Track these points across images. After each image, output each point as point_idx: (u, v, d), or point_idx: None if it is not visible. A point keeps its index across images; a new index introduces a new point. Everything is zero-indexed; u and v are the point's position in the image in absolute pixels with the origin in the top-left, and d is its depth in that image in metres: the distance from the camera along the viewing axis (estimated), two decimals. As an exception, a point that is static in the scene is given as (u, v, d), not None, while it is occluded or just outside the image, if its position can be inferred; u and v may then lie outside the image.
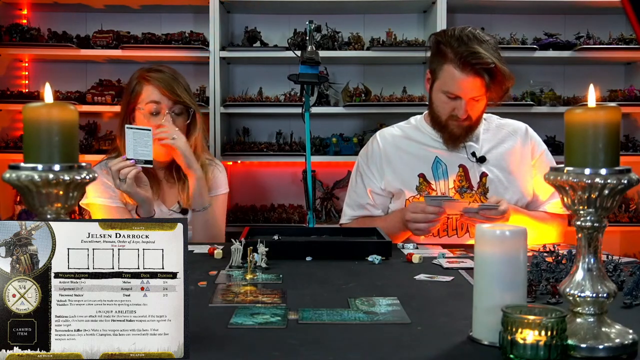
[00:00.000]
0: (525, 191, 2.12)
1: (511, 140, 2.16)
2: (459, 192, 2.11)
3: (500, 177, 2.11)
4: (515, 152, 2.14)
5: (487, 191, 2.10)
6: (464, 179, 2.11)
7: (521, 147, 2.15)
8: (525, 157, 2.15)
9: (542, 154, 2.17)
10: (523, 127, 2.21)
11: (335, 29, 3.33)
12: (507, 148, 2.15)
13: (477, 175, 2.11)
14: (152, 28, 3.42)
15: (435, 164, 2.14)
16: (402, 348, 1.00)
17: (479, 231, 1.03)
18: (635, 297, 1.25)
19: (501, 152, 2.14)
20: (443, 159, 2.13)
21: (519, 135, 2.17)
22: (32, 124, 0.96)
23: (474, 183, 2.11)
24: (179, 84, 2.12)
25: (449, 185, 2.12)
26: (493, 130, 2.18)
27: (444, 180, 2.12)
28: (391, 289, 1.37)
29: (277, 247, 1.68)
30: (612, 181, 0.93)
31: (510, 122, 2.23)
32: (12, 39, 3.22)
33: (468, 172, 2.11)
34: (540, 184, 2.13)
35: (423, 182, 2.13)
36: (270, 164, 3.48)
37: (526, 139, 2.17)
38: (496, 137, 2.17)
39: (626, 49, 3.29)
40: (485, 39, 2.01)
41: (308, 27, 2.13)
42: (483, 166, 2.12)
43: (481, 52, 1.96)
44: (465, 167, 2.12)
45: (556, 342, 0.90)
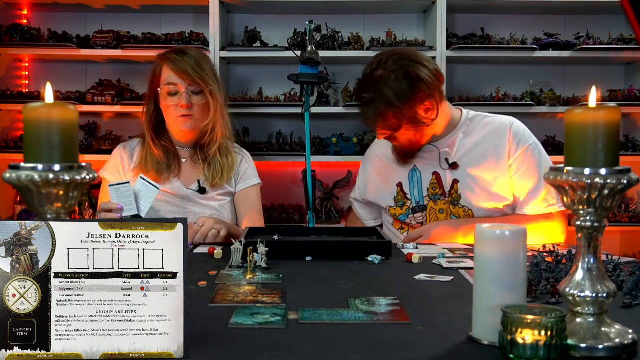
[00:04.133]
0: (502, 195, 2.08)
1: (491, 140, 2.12)
2: (432, 199, 2.12)
3: (471, 184, 2.09)
4: (492, 154, 2.10)
5: (459, 198, 2.10)
6: (437, 186, 2.13)
7: (499, 148, 2.10)
8: (501, 158, 2.09)
9: (524, 151, 2.08)
10: (507, 124, 2.14)
11: (335, 29, 3.32)
12: (484, 151, 2.11)
13: (448, 182, 2.12)
14: (152, 28, 3.42)
15: (412, 172, 2.17)
16: (402, 348, 1.00)
17: (479, 231, 1.03)
18: (635, 297, 1.25)
19: (477, 156, 2.11)
20: (419, 167, 2.16)
21: (500, 134, 2.11)
22: (32, 124, 0.96)
23: (446, 190, 2.12)
24: (194, 66, 2.17)
25: (422, 194, 2.13)
26: (476, 130, 2.14)
27: (417, 188, 2.15)
28: (391, 289, 1.37)
29: (277, 247, 1.68)
30: (612, 181, 0.93)
31: (495, 119, 2.17)
32: (12, 39, 3.22)
33: (441, 178, 2.13)
34: (517, 185, 2.08)
35: (400, 191, 2.17)
36: (270, 164, 3.48)
37: (505, 138, 2.10)
38: (475, 139, 2.13)
39: (626, 49, 3.28)
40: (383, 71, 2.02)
41: (308, 27, 2.13)
42: (455, 173, 2.12)
43: (361, 96, 2.06)
44: (439, 174, 2.13)
45: (556, 342, 0.90)
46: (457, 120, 2.16)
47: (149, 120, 2.24)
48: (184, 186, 2.22)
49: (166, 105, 2.18)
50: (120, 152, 2.28)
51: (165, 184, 2.17)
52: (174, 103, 2.16)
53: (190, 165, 2.26)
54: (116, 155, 2.29)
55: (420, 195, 2.14)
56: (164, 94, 2.17)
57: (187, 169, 2.26)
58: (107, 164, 2.27)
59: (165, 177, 2.19)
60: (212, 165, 2.22)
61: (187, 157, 2.27)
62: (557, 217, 2.06)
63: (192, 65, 2.17)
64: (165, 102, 2.18)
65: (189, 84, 2.16)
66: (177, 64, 2.16)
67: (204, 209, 2.20)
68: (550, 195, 2.04)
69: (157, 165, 2.20)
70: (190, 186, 2.22)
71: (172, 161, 2.22)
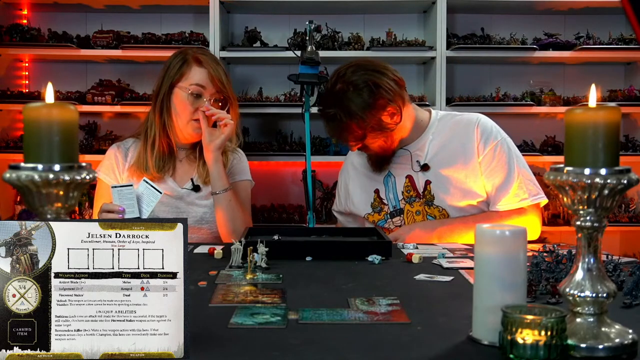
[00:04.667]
0: (475, 192, 2.09)
1: (459, 138, 2.12)
2: (408, 201, 2.14)
3: (443, 183, 2.10)
4: (461, 152, 2.11)
5: (433, 198, 2.11)
6: (411, 188, 2.14)
7: (467, 146, 2.10)
8: (470, 155, 2.10)
9: (492, 147, 2.08)
10: (474, 121, 2.14)
11: (335, 29, 3.32)
12: (453, 150, 2.12)
13: (421, 183, 2.13)
14: (152, 28, 3.42)
15: (387, 178, 2.19)
16: (402, 348, 1.00)
17: (479, 231, 1.03)
18: (635, 297, 1.25)
19: (447, 155, 2.12)
20: (392, 171, 2.18)
21: (467, 131, 2.12)
22: (32, 124, 0.96)
23: (420, 192, 2.13)
24: (223, 74, 2.16)
25: (398, 197, 2.15)
26: (446, 131, 2.15)
27: (392, 192, 2.17)
28: (391, 289, 1.37)
29: (277, 247, 1.68)
30: (611, 181, 0.93)
31: (464, 117, 2.18)
32: (12, 39, 3.22)
33: (414, 181, 2.14)
34: (487, 181, 2.08)
35: (377, 197, 2.19)
36: (270, 164, 3.48)
37: (473, 135, 2.11)
38: (444, 138, 2.14)
39: (626, 49, 3.28)
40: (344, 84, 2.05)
41: (308, 27, 2.13)
42: (427, 174, 2.13)
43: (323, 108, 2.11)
44: (411, 176, 2.15)
45: (556, 342, 0.90)
46: (426, 121, 2.18)
47: (159, 117, 2.16)
48: (178, 186, 2.19)
49: (184, 106, 2.12)
50: (114, 152, 2.23)
51: (159, 183, 2.13)
52: (195, 106, 2.11)
53: (185, 164, 2.23)
54: (110, 155, 2.24)
55: (396, 199, 2.16)
56: (185, 94, 2.11)
57: (182, 168, 2.23)
58: (102, 164, 2.23)
59: (159, 177, 2.16)
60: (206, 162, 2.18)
61: (184, 156, 2.24)
62: (531, 210, 2.06)
63: (224, 74, 2.15)
64: (183, 102, 2.12)
65: (217, 91, 2.13)
66: (211, 68, 2.12)
67: (199, 208, 2.19)
68: (522, 189, 2.05)
69: (154, 165, 2.15)
70: (185, 185, 2.20)
71: (168, 161, 2.19)
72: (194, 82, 2.11)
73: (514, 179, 2.05)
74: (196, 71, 2.13)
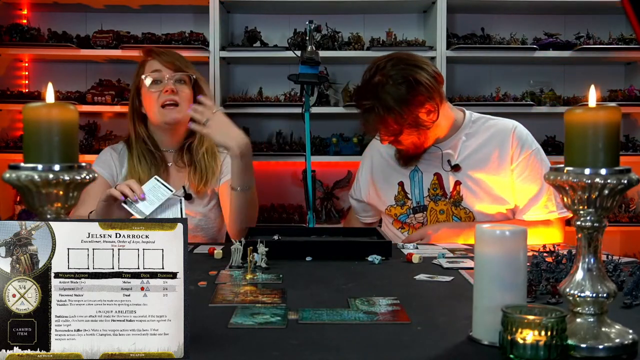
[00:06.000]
0: (504, 199, 2.08)
1: (494, 143, 2.10)
2: (433, 199, 2.12)
3: (473, 186, 2.09)
4: (495, 157, 2.09)
5: (461, 199, 2.10)
6: (438, 187, 2.12)
7: (502, 152, 2.09)
8: (504, 162, 2.08)
9: (527, 156, 2.07)
10: (510, 127, 2.12)
11: (335, 29, 3.33)
12: (487, 154, 2.10)
13: (450, 183, 2.11)
14: (152, 28, 3.42)
15: (413, 172, 2.16)
16: (402, 348, 1.00)
17: (479, 231, 1.03)
18: (635, 297, 1.25)
19: (480, 159, 2.10)
20: (420, 167, 2.15)
21: (503, 137, 2.10)
22: (32, 124, 0.96)
23: (448, 192, 2.11)
24: (179, 57, 2.17)
25: (423, 194, 2.13)
26: (479, 133, 2.13)
27: (418, 188, 2.14)
28: (391, 289, 1.37)
29: (277, 247, 1.68)
30: (612, 181, 0.93)
31: (498, 123, 2.16)
32: (12, 39, 3.22)
33: (442, 180, 2.12)
34: (519, 191, 2.07)
35: (401, 190, 2.16)
36: (270, 164, 3.48)
37: (508, 142, 2.09)
38: (478, 141, 2.12)
39: (626, 49, 3.28)
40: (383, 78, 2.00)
41: (308, 27, 2.13)
42: (457, 175, 2.11)
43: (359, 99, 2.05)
44: (440, 175, 2.13)
45: (556, 342, 0.90)
46: (460, 121, 2.15)
47: (134, 117, 2.16)
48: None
49: (149, 95, 2.10)
50: (109, 152, 2.21)
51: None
52: (158, 90, 2.09)
53: (175, 170, 2.18)
54: (107, 152, 2.22)
55: (421, 196, 2.13)
56: (147, 84, 2.10)
57: (173, 173, 2.18)
58: (98, 159, 2.20)
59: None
60: (197, 169, 2.14)
61: (172, 161, 2.18)
62: (556, 223, 2.07)
63: (176, 57, 2.16)
64: (148, 93, 2.11)
65: (174, 70, 2.12)
66: (162, 56, 2.14)
67: (191, 214, 2.13)
68: (551, 201, 2.04)
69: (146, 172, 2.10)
70: (176, 192, 2.11)
71: (159, 166, 2.14)
72: (150, 70, 2.13)
73: (545, 190, 2.03)
74: (150, 62, 2.15)
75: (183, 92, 2.12)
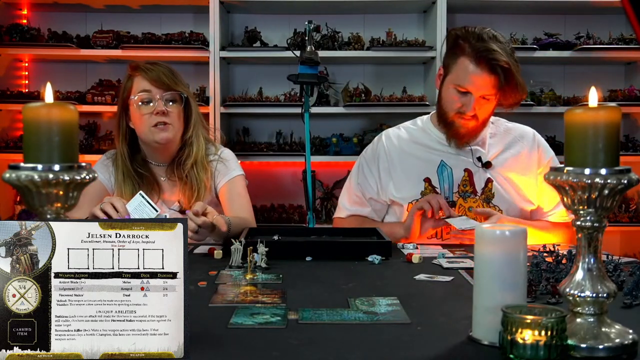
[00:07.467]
0: (529, 199, 2.10)
1: (518, 145, 2.13)
2: (462, 196, 2.10)
3: (505, 184, 2.09)
4: (522, 158, 2.12)
5: (492, 197, 2.09)
6: (468, 183, 2.10)
7: (528, 154, 2.12)
8: (531, 164, 2.12)
9: (550, 161, 2.13)
10: (531, 132, 2.18)
11: (335, 29, 3.33)
12: (513, 154, 2.12)
13: (482, 180, 2.10)
14: (152, 28, 3.42)
15: (441, 168, 2.12)
16: (402, 348, 1.00)
17: (479, 231, 1.03)
18: (635, 297, 1.25)
19: (507, 158, 2.12)
20: (448, 163, 2.11)
21: (526, 140, 2.14)
22: (32, 124, 0.96)
23: (478, 188, 2.10)
24: (168, 74, 2.09)
25: (453, 190, 2.10)
26: (500, 134, 2.16)
27: (448, 184, 2.11)
28: (391, 289, 1.37)
29: (277, 247, 1.68)
30: (612, 181, 0.93)
31: (518, 127, 2.20)
32: (12, 39, 3.23)
33: (473, 176, 2.10)
34: (545, 194, 2.10)
35: (428, 186, 2.12)
36: (270, 164, 3.48)
37: (533, 146, 2.14)
38: (503, 141, 2.14)
39: (626, 49, 3.29)
40: (504, 42, 2.01)
41: (307, 27, 2.13)
42: (488, 172, 2.10)
43: (498, 51, 1.95)
44: (471, 171, 2.10)
45: (556, 342, 0.90)
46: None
47: (122, 136, 2.12)
48: (166, 207, 2.12)
49: (139, 116, 2.05)
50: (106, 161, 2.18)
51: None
52: (148, 112, 2.04)
53: (168, 185, 2.15)
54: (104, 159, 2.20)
55: (450, 191, 2.11)
56: (137, 104, 2.05)
57: (166, 188, 2.15)
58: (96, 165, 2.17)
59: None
60: (188, 184, 2.10)
61: (165, 175, 2.15)
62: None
63: (165, 73, 2.08)
64: (137, 113, 2.05)
65: (164, 90, 2.06)
66: (150, 73, 2.06)
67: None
68: None
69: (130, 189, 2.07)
70: (172, 207, 2.13)
71: (152, 181, 2.11)
72: (139, 90, 2.07)
73: None
74: (138, 80, 2.07)
75: (174, 112, 2.08)
